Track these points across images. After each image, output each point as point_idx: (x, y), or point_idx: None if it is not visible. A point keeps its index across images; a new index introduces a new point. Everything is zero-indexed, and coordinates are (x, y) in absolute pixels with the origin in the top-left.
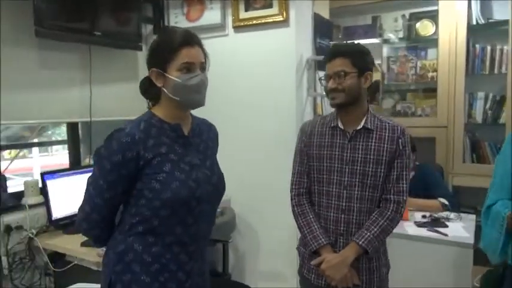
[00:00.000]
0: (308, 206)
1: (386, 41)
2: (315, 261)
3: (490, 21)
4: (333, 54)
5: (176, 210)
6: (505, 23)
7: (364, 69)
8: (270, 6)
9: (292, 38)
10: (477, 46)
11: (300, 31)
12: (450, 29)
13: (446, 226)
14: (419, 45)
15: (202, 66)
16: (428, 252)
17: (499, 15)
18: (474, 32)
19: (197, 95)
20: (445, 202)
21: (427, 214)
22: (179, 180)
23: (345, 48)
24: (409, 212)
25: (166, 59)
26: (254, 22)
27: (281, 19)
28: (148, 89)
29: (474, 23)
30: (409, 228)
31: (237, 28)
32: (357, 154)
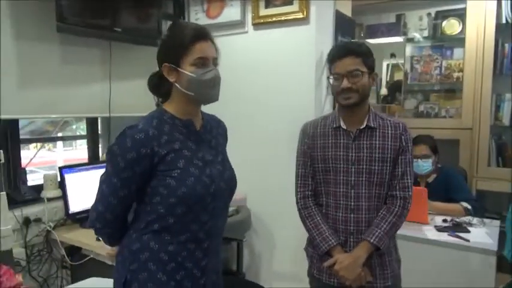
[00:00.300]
0: (314, 207)
1: (410, 40)
2: (327, 263)
3: None
4: (343, 52)
5: (191, 207)
6: None
7: (372, 69)
8: (290, 3)
9: (312, 35)
10: (506, 46)
11: (320, 29)
12: (478, 27)
13: (469, 231)
14: (444, 44)
15: (215, 61)
16: (449, 258)
17: None
18: (503, 31)
19: (212, 90)
20: (468, 206)
21: (448, 218)
22: (194, 176)
23: (355, 46)
24: (429, 215)
25: (180, 53)
26: (274, 19)
27: (301, 16)
28: (158, 85)
29: (503, 21)
30: (428, 232)
31: (257, 25)
32: (362, 153)
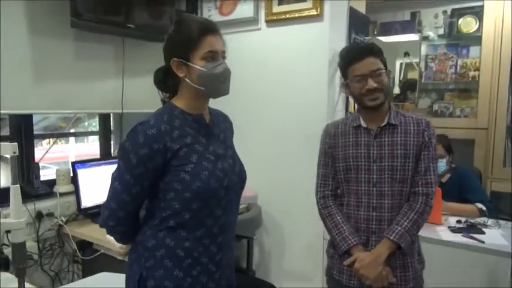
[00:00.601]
0: (335, 207)
1: (425, 38)
2: (347, 261)
3: None
4: (363, 53)
5: (206, 201)
6: None
7: (386, 67)
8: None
9: (325, 33)
10: None
11: (334, 26)
12: (496, 26)
13: (483, 233)
14: (460, 42)
15: (223, 55)
16: (463, 260)
17: None
18: None
19: (223, 83)
20: (483, 207)
21: (463, 219)
22: (208, 170)
23: (370, 47)
24: (443, 216)
25: (189, 48)
26: (287, 16)
27: (315, 13)
28: (164, 81)
29: None
30: (442, 233)
31: (270, 22)
32: (383, 150)
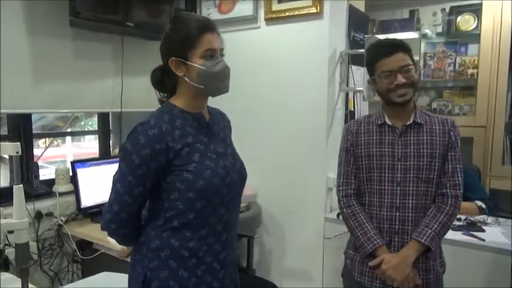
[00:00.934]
0: (358, 206)
1: (423, 36)
2: (373, 262)
3: None
4: (392, 48)
5: (210, 200)
6: None
7: (415, 63)
8: None
9: (325, 30)
10: None
11: (334, 24)
12: (494, 23)
13: (483, 231)
14: (459, 40)
15: (222, 52)
16: (464, 258)
17: None
18: None
19: (222, 81)
20: (482, 205)
21: (462, 217)
22: (210, 169)
23: (400, 42)
24: None
25: (188, 46)
26: (287, 14)
27: (315, 11)
28: (161, 80)
29: None
30: None
31: (269, 20)
32: (409, 149)
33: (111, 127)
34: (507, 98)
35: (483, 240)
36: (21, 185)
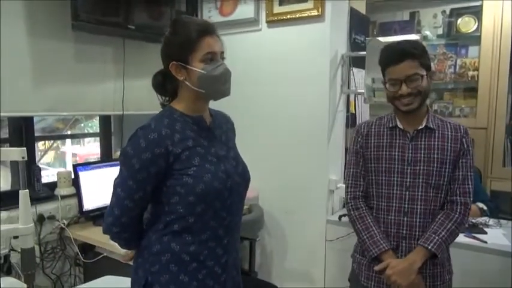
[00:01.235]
0: (366, 209)
1: (424, 38)
2: (378, 267)
3: None
4: (400, 57)
5: (210, 204)
6: None
7: (429, 68)
8: (305, 0)
9: (327, 33)
10: None
11: (335, 26)
12: (494, 25)
13: (485, 233)
14: (459, 42)
15: (222, 56)
16: (465, 260)
17: None
18: None
19: (223, 85)
20: (484, 207)
21: None
22: (210, 173)
23: (411, 49)
24: None
25: (187, 50)
26: (288, 17)
27: (316, 14)
28: (162, 84)
29: None
30: None
31: (271, 23)
32: (419, 154)
33: (112, 130)
34: (508, 99)
35: (485, 242)
36: (27, 190)
